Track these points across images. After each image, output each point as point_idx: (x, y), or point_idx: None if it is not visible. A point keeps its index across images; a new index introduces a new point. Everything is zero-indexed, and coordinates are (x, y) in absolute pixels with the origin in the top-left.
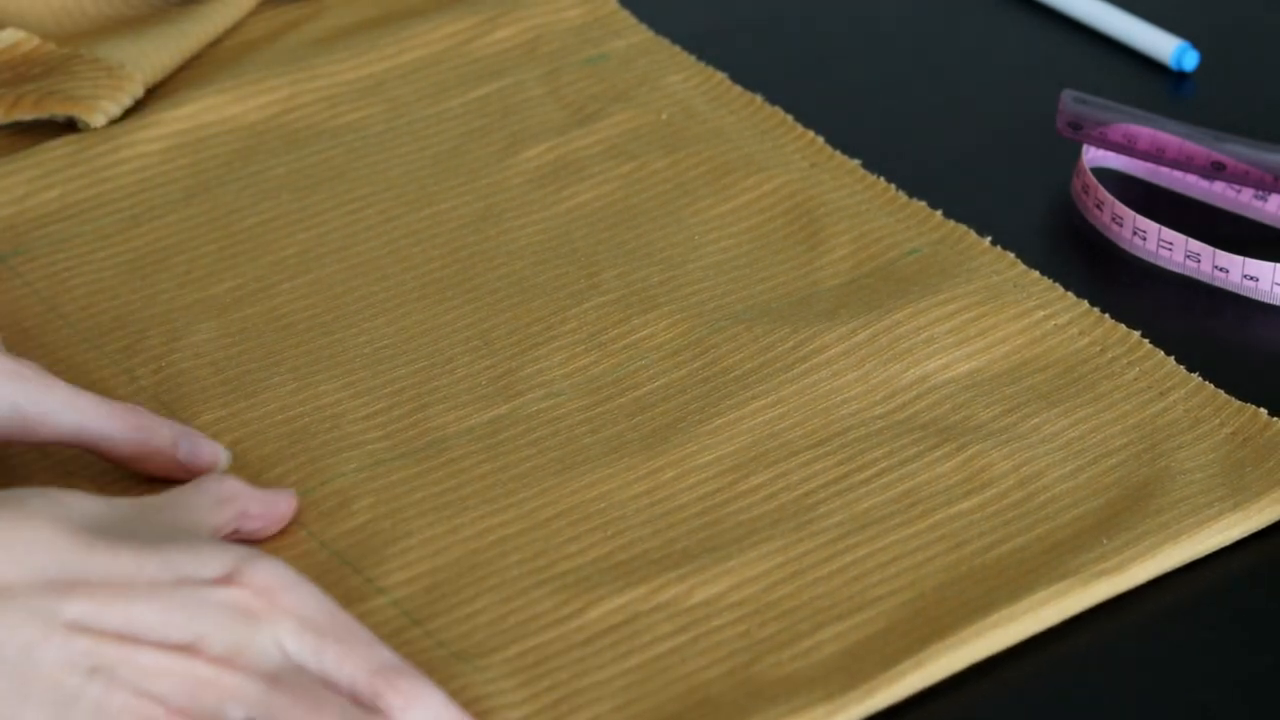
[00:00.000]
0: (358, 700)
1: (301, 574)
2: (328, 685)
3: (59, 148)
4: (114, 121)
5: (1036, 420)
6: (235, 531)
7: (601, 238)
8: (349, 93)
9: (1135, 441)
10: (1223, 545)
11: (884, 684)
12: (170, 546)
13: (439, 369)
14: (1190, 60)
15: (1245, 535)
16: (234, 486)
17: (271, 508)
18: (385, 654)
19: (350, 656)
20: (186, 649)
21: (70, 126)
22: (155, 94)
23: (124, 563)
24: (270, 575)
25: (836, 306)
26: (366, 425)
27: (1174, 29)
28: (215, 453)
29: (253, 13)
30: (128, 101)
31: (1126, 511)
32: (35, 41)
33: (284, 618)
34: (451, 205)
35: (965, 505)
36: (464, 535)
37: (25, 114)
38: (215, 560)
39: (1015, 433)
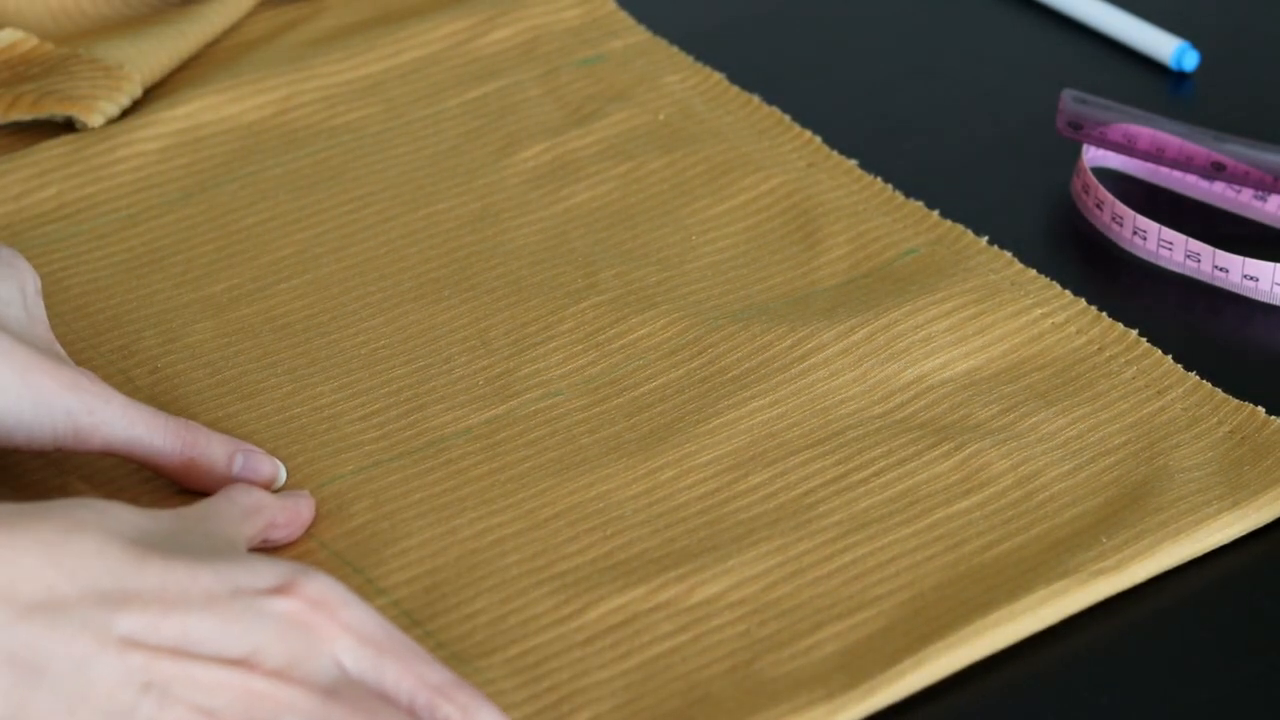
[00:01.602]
0: (415, 716)
1: (352, 591)
2: (385, 701)
3: (56, 147)
4: (111, 121)
5: (1035, 419)
6: (264, 542)
7: (599, 238)
8: (347, 93)
9: (1133, 440)
10: (1221, 544)
11: (884, 683)
12: (222, 558)
13: (436, 369)
14: (1190, 60)
15: (1244, 533)
16: (260, 497)
17: (295, 515)
18: (442, 671)
19: (409, 673)
20: (241, 663)
21: (68, 126)
22: (153, 94)
23: (178, 575)
24: (325, 589)
25: (834, 306)
26: (364, 426)
27: (1174, 29)
28: (275, 469)
29: (251, 13)
30: (125, 102)
31: (1125, 510)
32: (33, 41)
33: (342, 633)
34: (449, 205)
35: (964, 504)
36: (463, 536)
37: (23, 114)
38: (269, 572)
39: (1013, 432)
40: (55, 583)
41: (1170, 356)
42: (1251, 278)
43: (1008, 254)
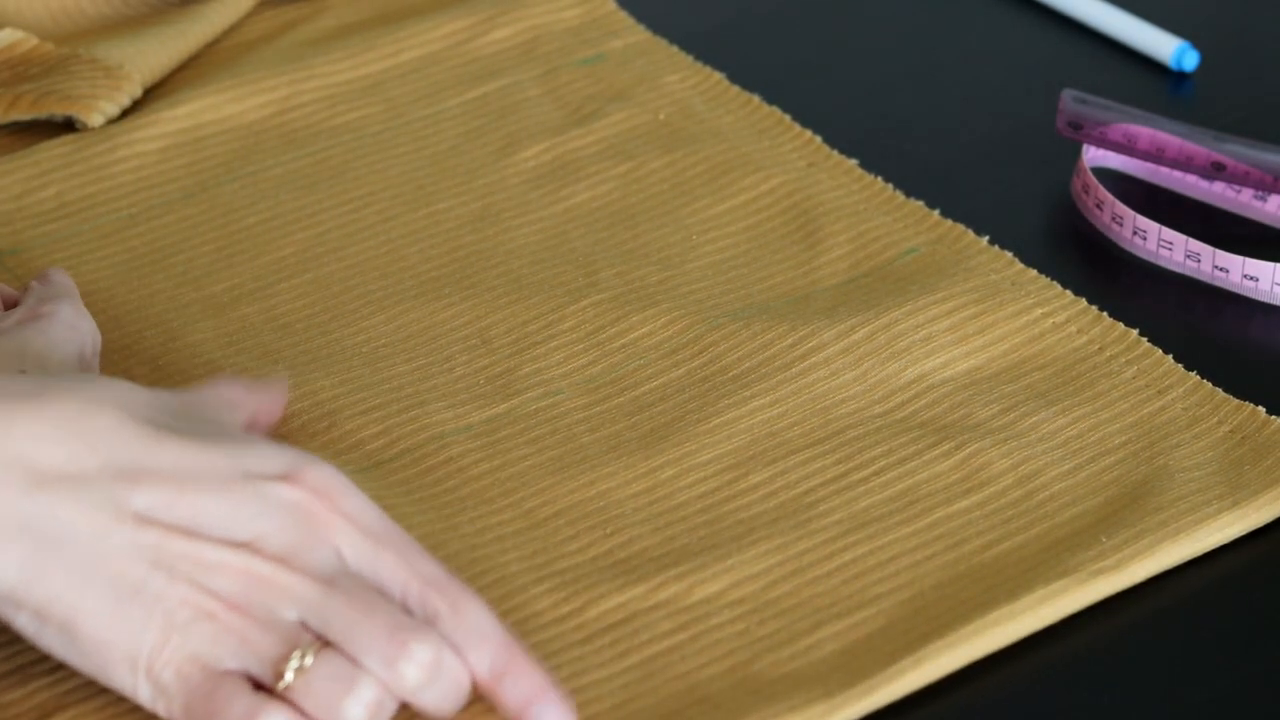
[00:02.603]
0: (407, 607)
1: (351, 481)
2: (380, 592)
3: (56, 147)
4: (112, 121)
5: (1035, 419)
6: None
7: (599, 237)
8: (347, 92)
9: (1134, 440)
10: (1221, 543)
11: (883, 682)
12: (232, 441)
13: (437, 368)
14: (1190, 60)
15: (1244, 533)
16: (239, 392)
17: (274, 406)
18: (434, 565)
19: (403, 565)
20: (247, 546)
21: (68, 126)
22: (153, 94)
23: (192, 455)
24: (328, 479)
25: (834, 305)
26: (364, 423)
27: (1174, 29)
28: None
29: (251, 13)
30: (126, 102)
31: (1125, 510)
32: (33, 41)
33: (343, 522)
34: (449, 205)
35: (964, 504)
36: (463, 533)
37: (23, 114)
38: (276, 459)
39: (1014, 431)
40: (77, 454)
41: (1170, 356)
42: (1251, 278)
43: (1008, 254)
